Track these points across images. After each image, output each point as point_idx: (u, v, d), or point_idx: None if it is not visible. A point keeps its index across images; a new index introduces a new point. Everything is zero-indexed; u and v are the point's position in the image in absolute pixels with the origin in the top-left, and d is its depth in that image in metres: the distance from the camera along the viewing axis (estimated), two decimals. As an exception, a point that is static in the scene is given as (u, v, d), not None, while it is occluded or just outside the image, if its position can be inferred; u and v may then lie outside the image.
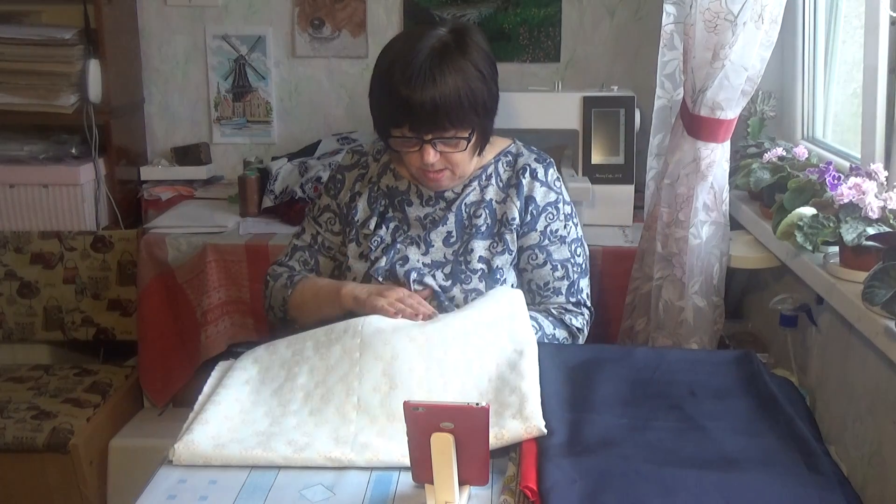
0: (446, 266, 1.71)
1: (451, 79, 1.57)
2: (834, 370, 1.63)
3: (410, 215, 1.76)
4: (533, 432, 1.26)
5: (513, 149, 1.81)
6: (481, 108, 1.63)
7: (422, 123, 1.59)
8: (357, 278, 1.73)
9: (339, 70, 2.95)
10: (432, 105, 1.56)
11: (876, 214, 1.45)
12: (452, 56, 1.60)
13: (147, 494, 1.19)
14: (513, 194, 1.74)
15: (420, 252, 1.72)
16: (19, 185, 2.67)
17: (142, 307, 2.54)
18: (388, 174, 1.80)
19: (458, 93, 1.58)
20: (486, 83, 1.64)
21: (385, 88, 1.62)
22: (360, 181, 1.81)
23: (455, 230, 1.73)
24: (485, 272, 1.70)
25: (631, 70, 2.84)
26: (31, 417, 2.37)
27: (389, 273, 1.70)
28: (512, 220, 1.73)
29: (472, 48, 1.63)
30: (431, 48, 1.59)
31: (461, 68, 1.59)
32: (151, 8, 2.93)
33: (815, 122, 2.25)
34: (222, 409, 1.36)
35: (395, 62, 1.61)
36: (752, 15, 1.72)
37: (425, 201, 1.76)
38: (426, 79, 1.56)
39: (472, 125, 1.63)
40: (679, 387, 1.41)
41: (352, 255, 1.76)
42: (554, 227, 1.75)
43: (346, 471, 1.24)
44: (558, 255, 1.74)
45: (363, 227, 1.77)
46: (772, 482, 1.15)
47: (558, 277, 1.74)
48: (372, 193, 1.79)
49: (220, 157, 3.01)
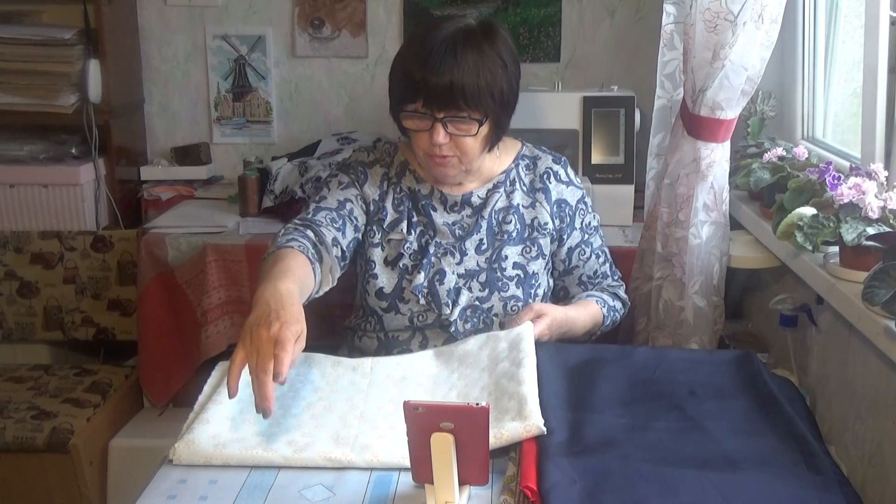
0: (481, 274, 1.69)
1: (472, 58, 1.56)
2: (834, 370, 1.63)
3: (437, 221, 1.72)
4: (532, 431, 1.26)
5: (527, 151, 1.80)
6: (498, 96, 1.61)
7: (436, 99, 1.57)
8: (386, 289, 1.69)
9: (339, 70, 2.95)
10: (448, 81, 1.55)
11: (876, 214, 1.45)
12: (476, 40, 1.59)
13: (147, 494, 1.19)
14: (541, 199, 1.75)
15: (455, 262, 1.70)
16: (19, 185, 2.67)
17: (142, 307, 2.54)
18: (408, 175, 1.75)
19: (476, 73, 1.56)
20: (507, 73, 1.62)
21: (404, 64, 1.60)
22: (385, 180, 1.75)
23: (486, 238, 1.72)
24: (521, 278, 1.70)
25: (631, 70, 2.84)
26: (31, 417, 2.37)
27: (430, 293, 1.67)
28: (544, 224, 1.74)
29: (497, 39, 1.62)
30: (457, 30, 1.59)
31: (483, 51, 1.58)
32: (151, 8, 2.93)
33: (815, 122, 2.25)
34: (223, 409, 1.36)
35: (417, 41, 1.61)
36: (752, 15, 1.72)
37: (449, 207, 1.73)
38: (446, 54, 1.55)
39: (487, 111, 1.60)
40: (679, 387, 1.41)
41: (377, 261, 1.70)
42: (587, 219, 1.81)
43: (346, 471, 1.24)
44: (596, 244, 1.82)
45: (393, 230, 1.72)
46: (772, 482, 1.15)
47: (602, 263, 1.83)
48: (395, 195, 1.74)
49: (220, 157, 3.01)
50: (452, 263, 1.70)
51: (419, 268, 1.68)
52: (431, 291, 1.67)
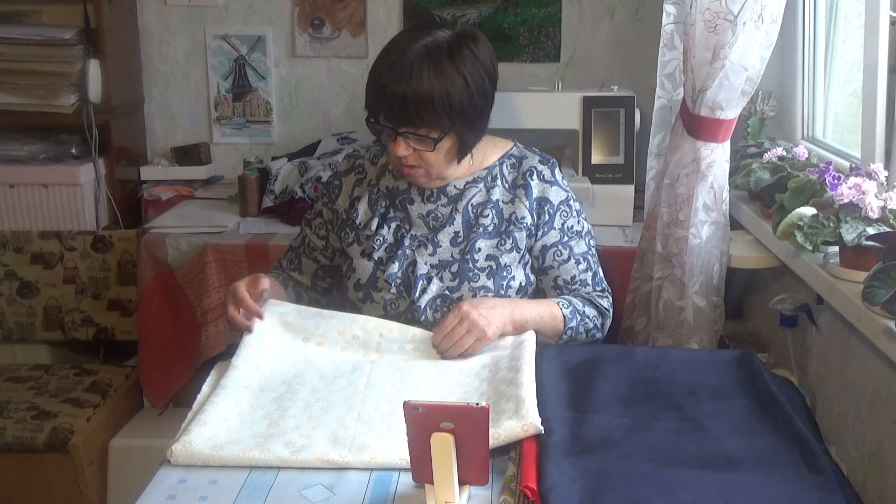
0: (453, 265, 1.71)
1: (427, 78, 1.58)
2: (834, 370, 1.63)
3: (413, 213, 1.75)
4: (529, 430, 1.26)
5: (515, 151, 1.81)
6: (458, 115, 1.61)
7: (393, 114, 1.61)
8: (362, 279, 1.74)
9: (339, 70, 2.95)
10: (402, 98, 1.58)
11: (876, 214, 1.45)
12: (439, 58, 1.59)
13: (147, 494, 1.19)
14: (521, 195, 1.75)
15: (427, 253, 1.72)
16: (19, 185, 2.67)
17: (142, 307, 2.54)
18: (387, 175, 1.80)
19: (431, 93, 1.57)
20: (468, 92, 1.62)
21: (372, 75, 1.64)
22: (358, 185, 1.82)
23: (462, 230, 1.73)
24: (492, 269, 1.71)
25: (631, 70, 2.84)
26: (31, 417, 2.37)
27: (403, 281, 1.70)
28: (521, 218, 1.73)
29: (465, 55, 1.62)
30: (424, 45, 1.60)
31: (443, 70, 1.59)
32: (151, 8, 2.93)
33: (815, 122, 2.25)
34: (220, 411, 1.36)
35: (389, 52, 1.64)
36: (752, 15, 1.72)
37: (426, 198, 1.76)
38: (403, 72, 1.58)
39: (444, 128, 1.62)
40: (679, 387, 1.41)
41: (355, 256, 1.77)
42: (570, 223, 1.77)
43: (346, 471, 1.24)
44: (578, 249, 1.77)
45: (365, 228, 1.77)
46: (772, 482, 1.15)
47: (582, 270, 1.77)
48: (372, 196, 1.79)
49: (220, 157, 3.01)
50: (425, 255, 1.72)
51: (393, 259, 1.72)
52: (404, 281, 1.70)
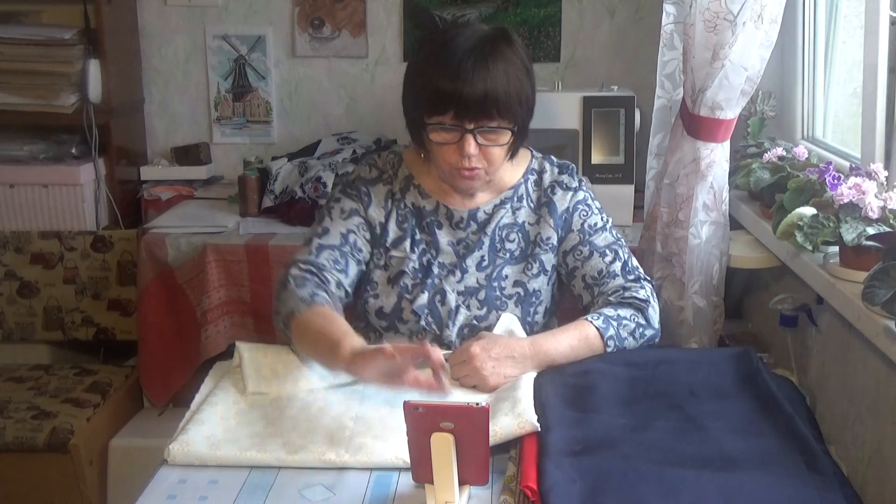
0: (479, 292, 1.65)
1: (502, 66, 1.54)
2: (834, 370, 1.63)
3: (441, 240, 1.67)
4: (526, 427, 1.26)
5: (535, 164, 1.74)
6: (525, 103, 1.59)
7: (468, 110, 1.53)
8: (385, 308, 1.65)
9: (339, 70, 2.95)
10: (482, 91, 1.51)
11: (876, 214, 1.45)
12: (500, 46, 1.56)
13: (147, 494, 1.19)
14: (545, 214, 1.69)
15: (455, 280, 1.65)
16: (19, 185, 2.67)
17: (142, 307, 2.54)
18: (412, 190, 1.70)
19: (507, 81, 1.54)
20: (529, 79, 1.61)
21: (429, 76, 1.55)
22: (389, 198, 1.69)
23: (487, 255, 1.67)
24: (520, 296, 1.66)
25: (631, 70, 2.85)
26: (31, 417, 2.37)
27: (430, 313, 1.63)
28: (547, 239, 1.68)
29: (516, 43, 1.60)
30: (480, 38, 1.56)
31: (509, 58, 1.56)
32: (151, 8, 2.93)
33: (815, 122, 2.25)
34: (219, 410, 1.37)
35: (440, 51, 1.56)
36: (752, 15, 1.72)
37: (455, 224, 1.68)
38: (477, 64, 1.52)
39: (516, 119, 1.58)
40: (679, 387, 1.41)
41: (380, 281, 1.66)
42: (590, 221, 1.70)
43: (346, 471, 1.24)
44: (602, 242, 1.68)
45: (395, 248, 1.67)
46: (772, 482, 1.15)
47: (609, 262, 1.67)
48: (399, 212, 1.69)
49: (220, 157, 3.01)
50: (453, 282, 1.65)
51: (421, 287, 1.64)
52: (433, 312, 1.64)
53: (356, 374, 1.35)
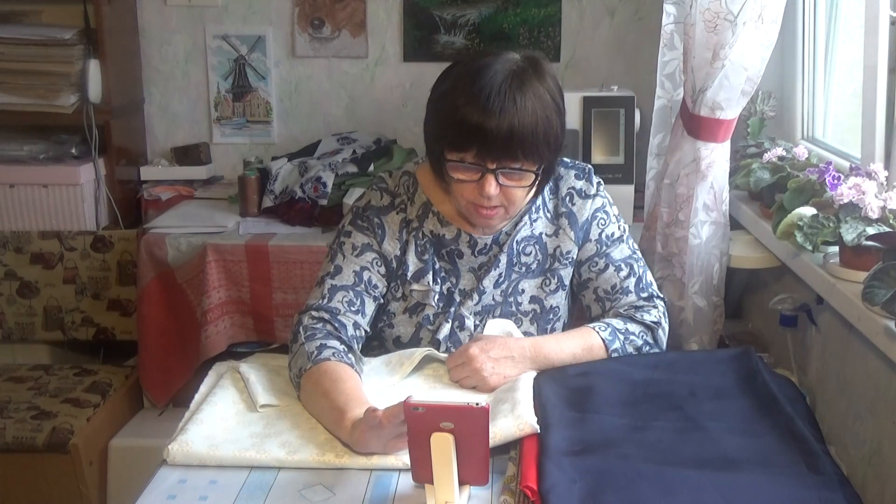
0: (496, 309, 1.59)
1: (531, 105, 1.42)
2: (834, 370, 1.63)
3: (462, 267, 1.59)
4: (525, 429, 1.26)
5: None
6: (553, 144, 1.47)
7: (491, 150, 1.42)
8: (403, 338, 1.59)
9: (339, 70, 2.95)
10: (508, 131, 1.40)
11: (876, 214, 1.45)
12: (531, 81, 1.44)
13: (147, 494, 1.19)
14: (564, 225, 1.60)
15: (472, 303, 1.58)
16: (19, 185, 2.67)
17: (142, 307, 2.54)
18: (430, 217, 1.59)
19: (535, 121, 1.42)
20: (560, 117, 1.48)
21: (452, 109, 1.44)
22: (405, 228, 1.59)
23: (504, 270, 1.59)
24: (536, 313, 1.60)
25: (631, 70, 2.85)
26: (31, 417, 2.37)
27: (451, 339, 1.57)
28: (566, 253, 1.60)
29: (547, 77, 1.48)
30: (510, 70, 1.43)
31: (540, 96, 1.44)
32: (151, 8, 2.93)
33: (815, 122, 2.25)
34: (218, 410, 1.36)
35: (465, 83, 1.44)
36: (752, 15, 1.72)
37: (477, 251, 1.59)
38: (505, 101, 1.40)
39: (542, 160, 1.47)
40: (679, 387, 1.41)
41: (397, 313, 1.59)
42: (608, 230, 1.62)
43: (346, 471, 1.24)
44: (619, 255, 1.61)
45: (417, 282, 1.58)
46: (772, 482, 1.15)
47: (623, 277, 1.60)
48: (418, 241, 1.58)
49: (220, 157, 3.01)
50: (470, 305, 1.58)
51: (444, 317, 1.57)
52: (452, 338, 1.58)
53: (360, 449, 1.26)
